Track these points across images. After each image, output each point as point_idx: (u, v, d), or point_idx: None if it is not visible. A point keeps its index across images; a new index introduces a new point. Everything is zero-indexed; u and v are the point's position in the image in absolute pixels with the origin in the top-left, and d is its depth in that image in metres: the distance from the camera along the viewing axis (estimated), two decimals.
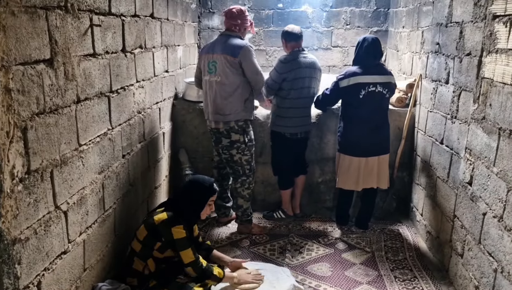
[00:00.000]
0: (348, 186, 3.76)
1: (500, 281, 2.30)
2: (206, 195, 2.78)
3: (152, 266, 2.67)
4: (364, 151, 3.66)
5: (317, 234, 3.80)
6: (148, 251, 2.65)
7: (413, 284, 3.04)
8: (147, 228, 2.66)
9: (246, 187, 3.69)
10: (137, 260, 2.66)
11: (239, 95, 3.52)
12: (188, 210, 2.73)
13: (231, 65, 3.46)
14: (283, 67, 3.72)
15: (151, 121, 3.55)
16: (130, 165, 3.09)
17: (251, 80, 3.55)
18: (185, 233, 2.61)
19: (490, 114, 2.48)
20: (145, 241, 2.65)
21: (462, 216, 2.84)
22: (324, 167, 4.33)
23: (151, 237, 2.63)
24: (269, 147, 4.26)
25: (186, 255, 2.61)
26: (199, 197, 2.77)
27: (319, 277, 3.14)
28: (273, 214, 4.09)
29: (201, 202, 2.78)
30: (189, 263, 2.61)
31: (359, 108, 3.59)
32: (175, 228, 2.60)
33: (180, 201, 2.76)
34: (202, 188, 2.78)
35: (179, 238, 2.60)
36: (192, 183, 2.86)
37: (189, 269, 2.62)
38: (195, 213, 2.79)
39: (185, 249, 2.60)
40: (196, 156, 4.38)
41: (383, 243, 3.65)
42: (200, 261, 2.66)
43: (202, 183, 2.80)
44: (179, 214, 2.67)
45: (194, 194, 2.76)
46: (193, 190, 2.79)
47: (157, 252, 2.66)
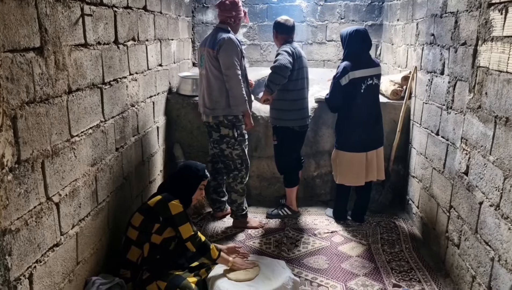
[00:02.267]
0: (350, 182, 3.73)
1: (497, 269, 2.28)
2: (198, 179, 2.85)
3: (146, 251, 2.64)
4: (365, 146, 3.64)
5: (313, 228, 3.78)
6: (145, 236, 2.64)
7: (409, 276, 3.02)
8: (142, 213, 2.66)
9: (239, 181, 3.66)
10: (133, 248, 2.64)
11: (223, 90, 3.45)
12: (180, 193, 2.75)
13: (212, 58, 3.42)
14: (291, 56, 3.55)
15: (144, 115, 3.52)
16: (124, 159, 3.05)
17: (223, 74, 3.40)
18: (182, 207, 2.65)
19: (486, 103, 2.47)
20: (141, 226, 2.63)
21: (459, 207, 2.83)
22: (320, 161, 4.31)
23: (148, 221, 2.63)
24: (264, 141, 4.24)
25: (185, 229, 2.64)
26: (191, 180, 2.83)
27: (315, 269, 3.12)
28: (279, 212, 4.02)
29: (193, 185, 2.84)
30: (188, 238, 2.64)
31: (360, 103, 3.56)
32: (172, 203, 2.64)
33: (173, 185, 2.80)
34: (194, 171, 2.85)
35: (177, 213, 2.63)
36: (185, 167, 2.91)
37: (188, 243, 2.65)
38: (187, 196, 2.82)
39: (183, 223, 2.64)
40: (191, 151, 4.35)
41: (379, 235, 3.63)
42: (198, 235, 2.69)
43: (194, 167, 2.88)
44: (172, 194, 2.71)
45: (186, 177, 2.83)
46: (185, 173, 2.85)
47: (155, 235, 2.65)
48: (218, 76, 3.45)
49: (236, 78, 3.41)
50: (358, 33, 3.56)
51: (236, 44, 3.44)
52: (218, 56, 3.40)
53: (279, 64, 3.48)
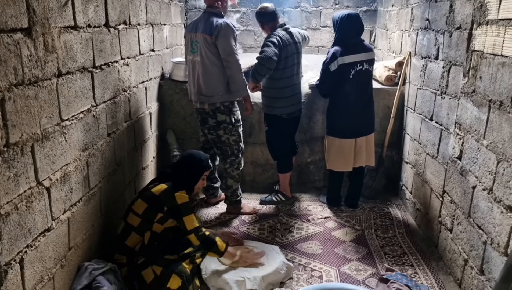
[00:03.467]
0: (339, 167, 3.73)
1: (489, 252, 2.29)
2: (201, 169, 2.84)
3: (147, 239, 2.64)
4: (354, 132, 3.63)
5: (306, 214, 3.78)
6: (147, 224, 2.62)
7: (402, 260, 3.04)
8: (146, 200, 2.64)
9: (235, 167, 3.65)
10: (134, 235, 2.62)
11: (221, 76, 3.42)
12: (183, 182, 2.73)
13: (210, 44, 3.37)
14: (277, 47, 3.52)
15: (137, 101, 3.48)
16: (116, 144, 3.02)
17: (223, 60, 3.37)
18: (188, 197, 2.65)
19: (480, 87, 2.46)
20: (145, 214, 2.62)
21: (452, 191, 2.84)
22: (314, 147, 4.30)
23: (152, 209, 2.62)
24: (258, 127, 4.22)
25: (189, 221, 2.62)
26: (195, 170, 2.82)
27: (309, 254, 3.13)
28: (272, 198, 4.01)
29: (197, 175, 2.83)
30: (192, 230, 2.62)
31: (349, 89, 3.54)
32: (178, 193, 2.63)
33: (176, 174, 2.77)
34: (198, 162, 2.84)
35: (183, 203, 2.62)
36: (189, 157, 2.90)
37: (191, 236, 2.63)
38: (190, 186, 2.80)
39: (188, 214, 2.63)
40: (184, 137, 4.32)
41: (373, 221, 3.64)
42: (202, 229, 2.68)
43: (198, 157, 2.87)
44: (177, 184, 2.69)
45: (190, 167, 2.81)
46: (189, 163, 2.83)
47: (157, 225, 2.64)
48: (215, 62, 3.41)
49: (237, 63, 3.39)
50: (350, 18, 3.53)
51: (233, 29, 3.41)
52: (216, 42, 3.35)
53: (265, 56, 3.45)
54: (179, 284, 2.46)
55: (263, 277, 2.66)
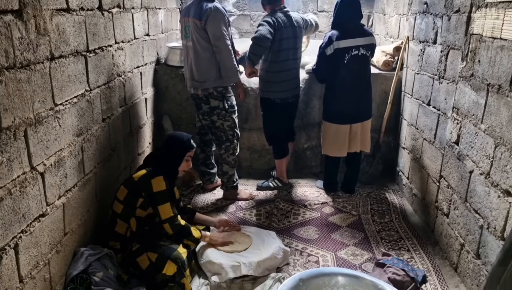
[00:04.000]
0: (333, 153, 3.72)
1: (486, 237, 2.30)
2: (183, 149, 2.78)
3: (134, 226, 2.62)
4: (349, 118, 3.61)
5: (303, 199, 3.78)
6: (130, 210, 2.60)
7: (399, 245, 3.05)
8: (127, 186, 2.62)
9: (231, 153, 3.63)
10: (120, 222, 2.61)
11: (213, 61, 3.37)
12: (166, 164, 2.70)
13: (200, 29, 3.31)
14: (272, 27, 3.49)
15: (132, 86, 3.44)
16: (111, 129, 2.99)
17: (213, 46, 3.32)
18: (165, 185, 2.59)
19: (478, 71, 2.44)
20: (126, 200, 2.60)
21: (449, 176, 2.83)
22: (310, 133, 4.28)
23: (132, 195, 2.59)
24: (254, 113, 4.19)
25: (164, 209, 2.57)
26: (177, 151, 2.77)
27: (305, 240, 3.13)
28: (269, 184, 3.99)
29: (179, 156, 2.78)
30: (166, 219, 2.58)
31: (344, 74, 3.51)
32: (155, 179, 2.58)
33: (158, 157, 2.74)
34: (180, 142, 2.79)
35: (159, 191, 2.57)
36: (170, 138, 2.86)
37: (166, 225, 2.59)
38: (173, 167, 2.77)
39: (163, 203, 2.57)
40: (180, 123, 4.29)
41: (369, 206, 3.64)
42: (178, 219, 2.63)
43: (179, 137, 2.82)
44: (158, 167, 2.66)
45: (172, 148, 2.76)
46: (171, 144, 2.79)
47: (140, 210, 2.61)
48: (206, 48, 3.36)
49: (227, 48, 3.33)
50: (348, 2, 3.49)
51: (223, 13, 3.34)
52: (206, 27, 3.30)
53: (259, 35, 3.43)
54: (175, 269, 2.46)
55: (258, 262, 2.65)
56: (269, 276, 2.65)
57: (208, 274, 2.66)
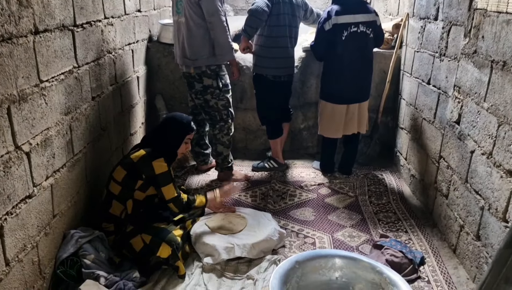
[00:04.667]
0: (330, 133, 3.64)
1: (486, 218, 2.24)
2: (183, 131, 2.68)
3: (130, 208, 2.55)
4: (347, 98, 3.52)
5: (299, 180, 3.71)
6: (128, 192, 2.53)
7: (396, 226, 3.00)
8: (125, 167, 2.53)
9: (225, 133, 3.54)
10: (116, 203, 2.53)
11: (206, 38, 3.25)
12: (165, 147, 2.61)
13: (193, 4, 3.18)
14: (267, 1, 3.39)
15: (123, 63, 3.32)
16: (101, 108, 2.89)
17: (207, 22, 3.21)
18: (166, 166, 2.53)
19: (482, 47, 2.35)
20: (124, 181, 2.51)
21: (449, 156, 2.77)
22: (307, 113, 4.20)
23: (131, 177, 2.51)
24: (249, 92, 4.10)
25: (168, 191, 2.53)
26: (176, 133, 2.67)
27: (301, 221, 3.08)
28: (265, 165, 3.91)
29: (178, 139, 2.68)
30: (170, 199, 2.54)
31: (342, 52, 3.40)
32: (156, 162, 2.50)
33: (157, 138, 2.63)
34: (180, 124, 2.68)
35: (161, 173, 2.50)
36: (170, 119, 2.74)
37: (171, 205, 2.56)
38: (172, 150, 2.67)
39: (167, 184, 2.52)
40: (174, 103, 4.18)
41: (367, 187, 3.58)
42: (181, 197, 2.60)
43: (179, 119, 2.70)
44: (157, 149, 2.57)
45: (171, 130, 2.66)
46: (170, 126, 2.68)
47: (139, 192, 2.54)
48: (200, 24, 3.24)
49: (221, 25, 3.21)
50: None
51: None
52: (200, 2, 3.18)
53: (256, 7, 3.37)
54: (169, 252, 2.39)
55: (253, 244, 2.60)
56: (264, 258, 2.60)
57: (201, 256, 2.60)
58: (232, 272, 2.51)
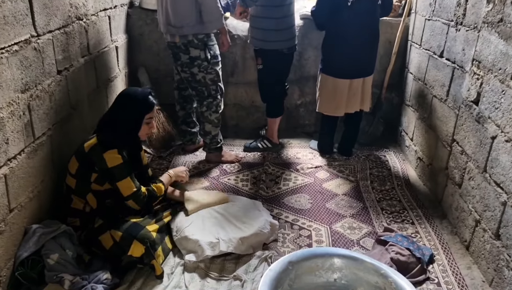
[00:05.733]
0: (330, 111, 3.30)
1: (509, 215, 1.94)
2: (140, 111, 2.26)
3: (93, 202, 2.23)
4: (350, 72, 3.16)
5: (295, 162, 3.40)
6: (85, 185, 2.21)
7: (401, 217, 2.70)
8: (78, 158, 2.20)
9: (214, 110, 3.20)
10: (76, 198, 2.22)
11: (193, 3, 2.86)
12: (120, 131, 2.22)
13: None
14: None
15: (98, 32, 2.95)
16: (70, 84, 2.54)
17: None
18: (121, 158, 2.16)
19: (510, 15, 1.99)
20: (78, 174, 2.19)
21: (463, 141, 2.45)
22: (304, 88, 3.85)
23: (84, 169, 2.18)
24: (241, 65, 3.74)
25: (124, 186, 2.18)
26: (132, 114, 2.25)
27: (297, 210, 2.78)
28: (258, 144, 3.59)
29: (136, 120, 2.27)
30: (128, 196, 2.19)
31: (347, 19, 3.02)
32: (107, 153, 2.13)
33: (110, 121, 2.25)
34: (134, 102, 2.25)
35: (114, 166, 2.14)
36: (122, 97, 2.30)
37: (130, 202, 2.21)
38: (130, 134, 2.29)
39: (122, 178, 2.16)
40: (158, 76, 3.82)
41: (368, 171, 3.28)
42: (141, 192, 2.24)
43: (133, 96, 2.26)
44: (112, 136, 2.19)
45: (125, 111, 2.24)
46: (123, 106, 2.26)
47: (96, 185, 2.21)
48: None
49: None
50: None
51: None
52: None
53: None
54: (142, 251, 2.10)
55: (241, 238, 2.30)
56: (254, 255, 2.31)
57: (183, 252, 2.31)
58: (218, 271, 2.22)
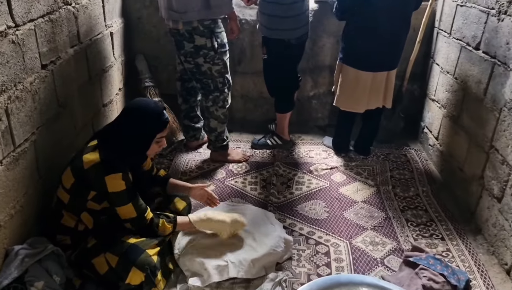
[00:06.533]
0: (349, 106, 2.99)
1: None
2: (152, 129, 1.96)
3: (88, 221, 1.96)
4: (375, 64, 2.83)
5: (308, 162, 3.11)
6: (80, 202, 1.92)
7: (429, 230, 2.43)
8: (74, 173, 1.90)
9: (220, 105, 2.89)
10: (67, 214, 1.95)
11: None
12: (127, 149, 1.93)
13: None
14: None
15: (89, 17, 2.62)
16: (58, 79, 2.23)
17: None
18: (125, 184, 1.87)
19: None
20: (73, 190, 1.91)
21: (506, 149, 2.15)
22: (318, 78, 3.53)
23: (81, 186, 1.89)
24: (249, 53, 3.41)
25: (124, 211, 1.91)
26: (143, 132, 1.95)
27: (312, 220, 2.51)
28: (266, 141, 3.30)
29: (146, 139, 1.97)
30: (128, 220, 1.94)
31: (376, 7, 2.67)
32: (110, 177, 1.84)
33: (116, 137, 1.94)
34: (147, 120, 1.94)
35: (116, 192, 1.86)
36: (133, 112, 1.99)
37: (127, 225, 1.95)
38: (138, 153, 2.01)
39: (123, 204, 1.90)
40: (158, 64, 3.50)
41: (389, 173, 2.99)
42: (144, 216, 1.95)
43: (145, 113, 1.95)
44: (116, 154, 1.89)
45: (135, 128, 1.94)
46: (133, 122, 1.95)
47: (93, 203, 1.93)
48: None
49: None
50: None
51: None
52: None
53: None
54: (142, 278, 1.83)
55: (253, 260, 2.04)
56: (266, 278, 2.04)
57: (187, 274, 2.05)
58: None
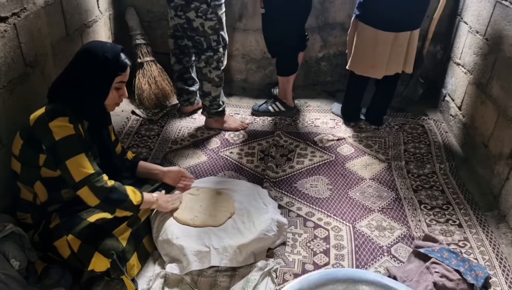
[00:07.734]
0: (364, 70, 2.64)
1: None
2: (108, 72, 1.66)
3: (42, 193, 1.71)
4: (397, 23, 2.46)
5: (313, 132, 2.81)
6: (32, 170, 1.67)
7: (445, 215, 2.14)
8: (22, 135, 1.66)
9: (214, 66, 2.59)
10: (23, 187, 1.71)
11: None
12: (80, 98, 1.64)
13: None
14: None
15: None
16: (24, 35, 1.94)
17: None
18: (73, 128, 1.58)
19: None
20: (23, 155, 1.66)
21: None
22: (328, 37, 3.17)
23: (30, 148, 1.64)
24: (252, 7, 3.08)
25: (75, 165, 1.56)
26: (98, 76, 1.65)
27: (312, 199, 2.23)
28: (268, 108, 3.00)
29: (103, 83, 1.67)
30: (81, 181, 1.57)
31: None
32: (55, 121, 1.55)
33: (69, 84, 1.65)
34: (101, 61, 1.63)
35: (64, 138, 1.55)
36: (85, 54, 1.67)
37: (84, 191, 1.57)
38: (95, 103, 1.70)
39: (72, 155, 1.57)
40: (151, 20, 3.17)
41: (403, 146, 2.67)
42: (101, 178, 1.61)
43: (101, 53, 1.63)
44: (66, 103, 1.62)
45: (89, 71, 1.63)
46: (86, 65, 1.64)
47: (46, 169, 1.66)
48: None
49: None
50: None
51: None
52: None
53: None
54: (107, 265, 1.60)
55: (239, 246, 1.79)
56: (255, 266, 1.80)
57: (165, 259, 1.83)
58: (208, 287, 1.74)
